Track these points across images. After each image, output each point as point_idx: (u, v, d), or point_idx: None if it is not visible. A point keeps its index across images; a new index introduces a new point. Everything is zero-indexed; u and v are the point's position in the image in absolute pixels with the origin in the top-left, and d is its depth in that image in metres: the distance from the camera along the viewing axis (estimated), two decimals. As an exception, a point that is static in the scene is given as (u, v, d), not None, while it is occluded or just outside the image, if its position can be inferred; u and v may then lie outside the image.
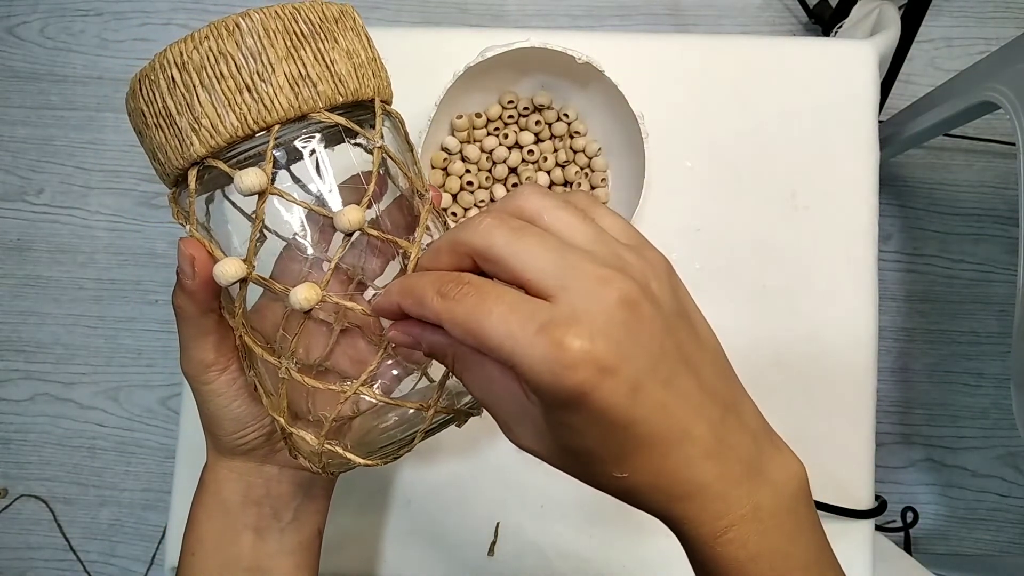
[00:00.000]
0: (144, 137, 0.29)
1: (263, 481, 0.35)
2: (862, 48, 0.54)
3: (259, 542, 0.35)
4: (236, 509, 0.35)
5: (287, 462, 0.36)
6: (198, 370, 0.32)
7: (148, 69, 0.27)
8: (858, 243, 0.52)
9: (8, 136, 1.19)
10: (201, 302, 0.31)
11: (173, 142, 0.27)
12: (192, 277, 0.30)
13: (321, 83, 0.28)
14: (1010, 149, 0.88)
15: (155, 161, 0.29)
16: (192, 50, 0.26)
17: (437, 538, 0.51)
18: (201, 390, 0.33)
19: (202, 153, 0.27)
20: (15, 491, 1.14)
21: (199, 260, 0.30)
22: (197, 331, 0.32)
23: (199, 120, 0.27)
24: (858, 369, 0.51)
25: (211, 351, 0.32)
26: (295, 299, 0.27)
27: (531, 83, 0.49)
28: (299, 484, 0.36)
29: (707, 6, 1.16)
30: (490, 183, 0.50)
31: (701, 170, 0.53)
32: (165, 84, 0.27)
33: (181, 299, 0.31)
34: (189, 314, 0.31)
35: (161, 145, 0.28)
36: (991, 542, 1.06)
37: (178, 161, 0.28)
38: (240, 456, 0.35)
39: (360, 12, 0.34)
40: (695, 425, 0.24)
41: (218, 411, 0.33)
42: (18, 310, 1.16)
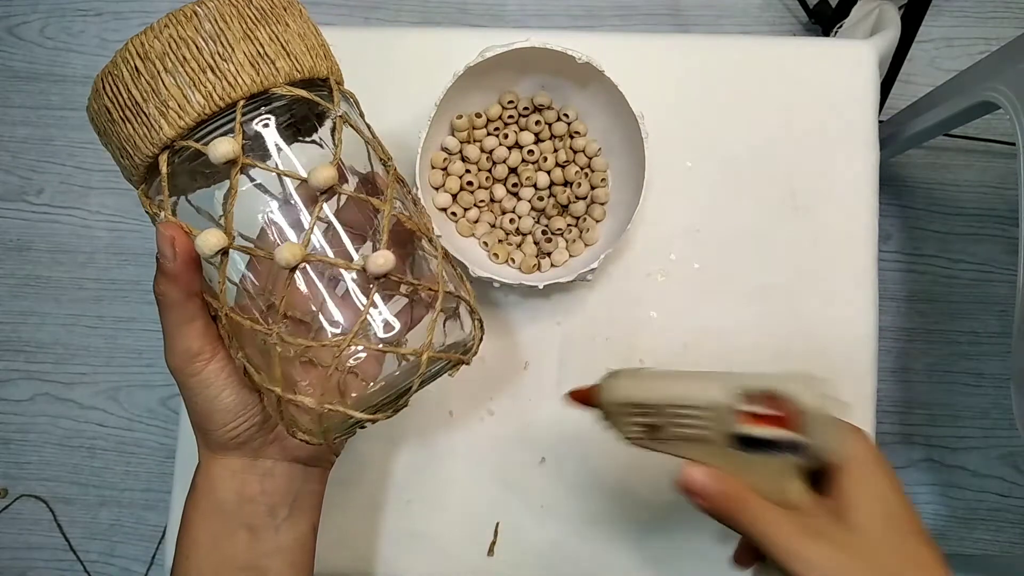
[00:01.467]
0: (111, 135, 0.29)
1: (258, 477, 0.35)
2: (862, 48, 0.54)
3: (254, 541, 0.35)
4: (231, 508, 0.34)
5: (281, 455, 0.35)
6: (185, 361, 0.32)
7: (110, 66, 0.28)
8: (858, 243, 0.52)
9: (8, 136, 1.19)
10: (184, 284, 0.31)
11: (141, 130, 0.28)
12: (173, 258, 0.30)
13: (279, 60, 0.29)
14: (1010, 149, 0.87)
15: (124, 157, 0.30)
16: (153, 39, 0.28)
17: (437, 538, 0.51)
18: (189, 382, 0.32)
19: (171, 135, 0.28)
20: (15, 491, 1.14)
21: (179, 240, 0.30)
22: (181, 318, 0.31)
23: (166, 103, 0.28)
24: (858, 369, 0.51)
25: (197, 339, 0.32)
26: (281, 256, 0.28)
27: (531, 83, 0.49)
28: (294, 477, 0.36)
29: (707, 6, 1.16)
30: (490, 183, 0.50)
31: (701, 170, 0.53)
32: (129, 75, 0.28)
33: (163, 285, 0.31)
34: (172, 300, 0.31)
35: (129, 136, 0.29)
36: (991, 542, 1.06)
37: (148, 148, 0.28)
38: (233, 451, 0.34)
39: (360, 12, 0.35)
40: None
41: (208, 403, 0.32)
42: (18, 310, 1.16)
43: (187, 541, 0.35)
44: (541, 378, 0.51)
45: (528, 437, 0.51)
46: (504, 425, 0.51)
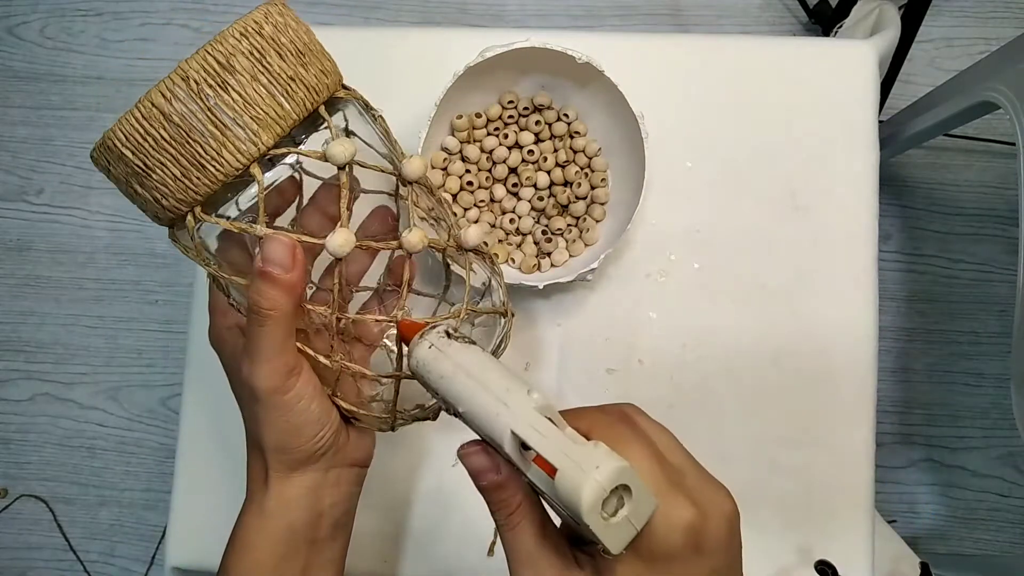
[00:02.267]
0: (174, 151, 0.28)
1: (329, 490, 0.35)
2: (862, 48, 0.54)
3: (313, 555, 0.35)
4: (302, 527, 0.34)
5: (343, 461, 0.35)
6: (282, 378, 0.31)
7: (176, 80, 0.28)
8: (858, 243, 0.52)
9: (8, 136, 1.19)
10: (298, 296, 0.30)
11: (232, 144, 0.28)
12: (292, 268, 0.29)
13: (331, 69, 0.32)
14: (1010, 149, 0.87)
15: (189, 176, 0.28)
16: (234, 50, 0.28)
17: (437, 538, 0.51)
18: (281, 400, 0.31)
19: (270, 143, 0.29)
20: (15, 491, 1.14)
21: (297, 248, 0.29)
22: (285, 333, 0.30)
23: (265, 112, 0.28)
24: (858, 369, 0.51)
25: (293, 353, 0.31)
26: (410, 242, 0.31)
27: (531, 83, 0.49)
28: (352, 483, 0.36)
29: (707, 6, 1.16)
30: (490, 183, 0.50)
31: (701, 170, 0.53)
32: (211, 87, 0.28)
33: (277, 298, 0.29)
34: (283, 314, 0.30)
35: (210, 151, 0.28)
36: (991, 542, 1.06)
37: (240, 160, 0.28)
38: (313, 464, 0.34)
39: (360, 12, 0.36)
40: None
41: (299, 417, 0.32)
42: (18, 310, 1.16)
43: (248, 562, 0.34)
44: (541, 378, 0.51)
45: (528, 437, 0.51)
46: (504, 425, 0.51)
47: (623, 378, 0.51)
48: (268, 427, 0.32)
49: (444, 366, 0.28)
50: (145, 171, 0.29)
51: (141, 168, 0.29)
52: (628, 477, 0.24)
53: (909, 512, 1.06)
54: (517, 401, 0.26)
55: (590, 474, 0.23)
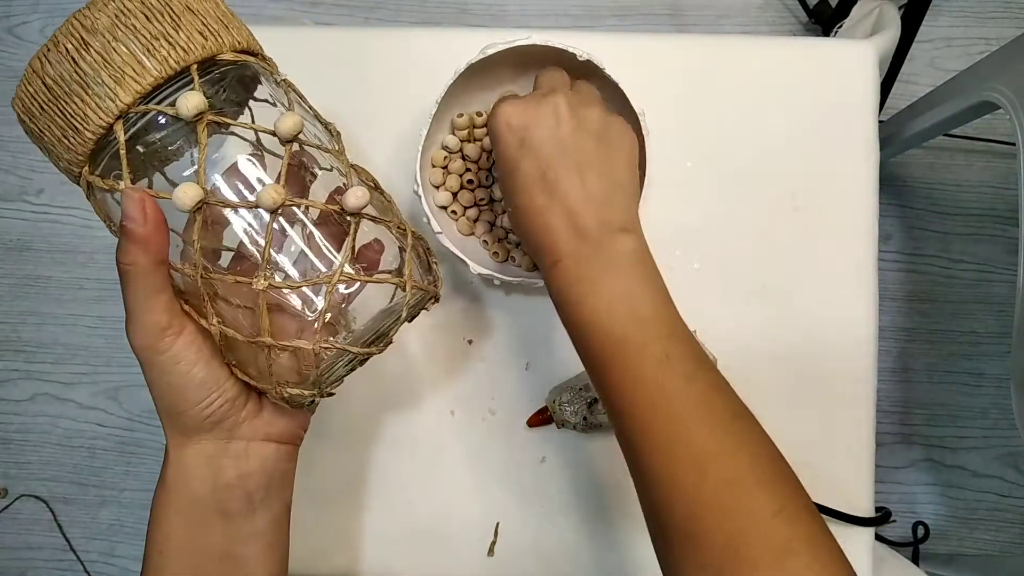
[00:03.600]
0: (53, 115, 0.29)
1: (232, 461, 0.34)
2: (862, 48, 0.54)
3: (229, 527, 0.34)
4: (207, 498, 0.34)
5: (254, 434, 0.35)
6: (154, 336, 0.31)
7: (50, 44, 0.29)
8: (858, 243, 0.52)
9: (8, 136, 1.19)
10: (155, 250, 0.30)
11: (93, 101, 0.29)
12: (143, 222, 0.29)
13: (221, 32, 0.31)
14: (1010, 149, 0.87)
15: (69, 136, 0.30)
16: (98, 13, 0.29)
17: (437, 538, 0.51)
18: (158, 360, 0.31)
19: (128, 101, 0.29)
20: (15, 491, 1.14)
21: (149, 203, 0.29)
22: (150, 289, 0.30)
23: (121, 70, 0.29)
24: (858, 369, 0.51)
25: (165, 312, 0.31)
26: (264, 199, 0.29)
27: (531, 81, 0.49)
28: (267, 457, 0.35)
29: (707, 6, 1.16)
30: (490, 183, 0.50)
31: (701, 170, 0.53)
32: (75, 49, 0.29)
33: (133, 253, 0.30)
34: (142, 269, 0.30)
35: (78, 112, 0.29)
36: (991, 542, 1.06)
37: (101, 118, 0.29)
38: (207, 433, 0.33)
39: (360, 12, 0.36)
40: (562, 192, 0.35)
41: (180, 380, 0.32)
42: (18, 310, 1.16)
43: (159, 537, 0.34)
44: (542, 378, 0.51)
45: (528, 437, 0.51)
46: (504, 425, 0.51)
47: (623, 378, 0.51)
48: (152, 387, 0.32)
49: None
50: (39, 135, 0.31)
51: (36, 133, 0.30)
52: None
53: (909, 512, 1.06)
54: None
55: None
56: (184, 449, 0.33)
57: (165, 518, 0.34)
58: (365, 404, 0.52)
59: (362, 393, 0.52)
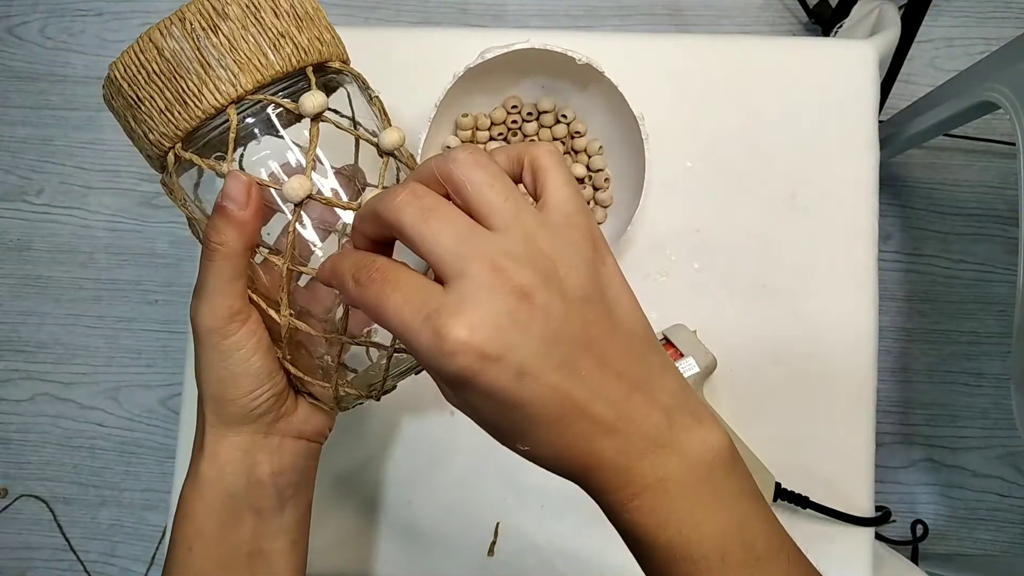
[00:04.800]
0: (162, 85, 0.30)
1: (267, 456, 0.34)
2: (862, 48, 0.54)
3: (260, 524, 0.34)
4: (240, 493, 0.34)
5: (287, 431, 0.35)
6: (224, 320, 0.31)
7: (175, 19, 0.30)
8: (858, 243, 0.52)
9: (8, 136, 1.19)
10: (249, 234, 0.30)
11: (212, 82, 0.30)
12: (245, 206, 0.30)
13: (330, 41, 0.33)
14: (1010, 149, 0.88)
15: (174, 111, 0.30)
16: (230, 1, 0.30)
17: (437, 538, 0.51)
18: (221, 345, 0.31)
19: (249, 88, 0.30)
20: (15, 491, 1.14)
21: (253, 187, 0.30)
22: (233, 273, 0.31)
23: (248, 58, 0.30)
24: (858, 369, 0.51)
25: (240, 297, 0.31)
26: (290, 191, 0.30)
27: (531, 84, 0.49)
28: (298, 455, 0.35)
29: (707, 6, 1.16)
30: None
31: (701, 170, 0.53)
32: (203, 29, 0.30)
33: (227, 233, 0.30)
34: (232, 250, 0.30)
35: (192, 87, 0.30)
36: (991, 542, 1.06)
37: (218, 99, 0.30)
38: (248, 425, 0.33)
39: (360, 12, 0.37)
40: (592, 405, 0.25)
41: (238, 367, 0.32)
42: (18, 310, 1.16)
43: (188, 531, 0.34)
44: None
45: (528, 437, 0.51)
46: (504, 425, 0.51)
47: (623, 378, 0.51)
48: (206, 371, 0.32)
49: None
50: (137, 103, 0.31)
51: (134, 100, 0.31)
52: None
53: (909, 512, 1.06)
54: None
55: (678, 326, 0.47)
56: (222, 440, 0.33)
57: (198, 513, 0.34)
58: (365, 404, 0.52)
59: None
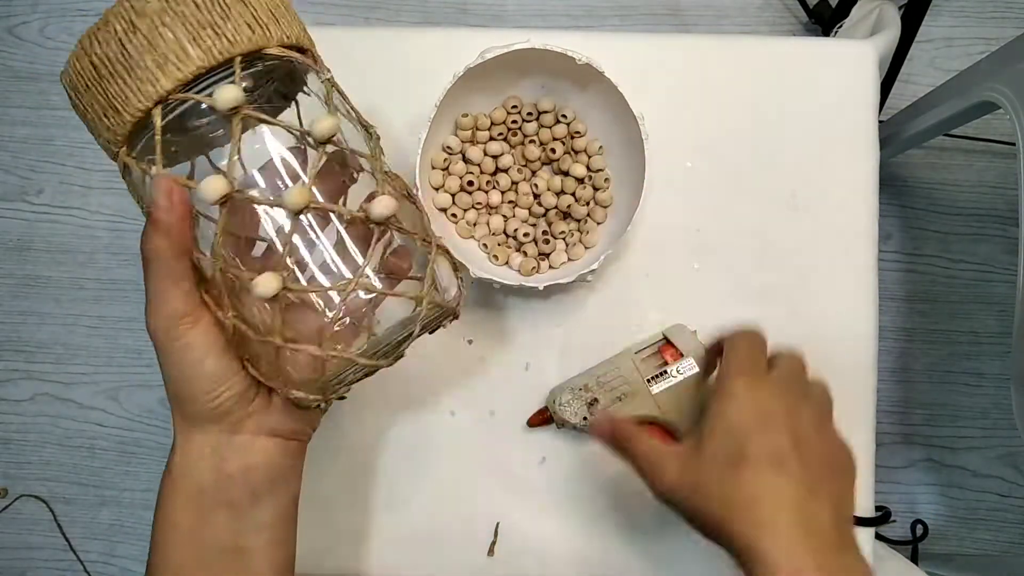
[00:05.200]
0: (96, 93, 0.30)
1: (236, 453, 0.34)
2: (862, 48, 0.54)
3: (235, 520, 0.34)
4: (210, 488, 0.33)
5: (259, 430, 0.34)
6: (170, 323, 0.31)
7: (101, 24, 0.29)
8: (858, 243, 0.52)
9: (8, 136, 1.19)
10: (178, 238, 0.30)
11: (134, 84, 0.29)
12: (170, 209, 0.29)
13: (271, 24, 0.31)
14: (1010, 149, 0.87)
15: (107, 116, 0.30)
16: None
17: (437, 538, 0.51)
18: (172, 347, 0.31)
19: (168, 87, 0.28)
20: (15, 491, 1.14)
21: (176, 191, 0.29)
22: (170, 276, 0.30)
23: (164, 56, 0.28)
24: (858, 369, 0.51)
25: (182, 300, 0.31)
26: (289, 200, 0.29)
27: (531, 84, 0.49)
28: (272, 452, 0.35)
29: (707, 6, 1.16)
30: (490, 187, 0.50)
31: (701, 170, 0.53)
32: (123, 30, 0.28)
33: (157, 239, 0.30)
34: (164, 256, 0.30)
35: (120, 92, 0.29)
36: (991, 542, 1.06)
37: (141, 102, 0.29)
38: (212, 424, 0.33)
39: (360, 12, 0.36)
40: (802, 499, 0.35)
41: (190, 369, 0.32)
42: (18, 310, 1.16)
43: (165, 526, 0.34)
44: (541, 379, 0.51)
45: (528, 437, 0.51)
46: (504, 425, 0.51)
47: (623, 378, 0.51)
48: (164, 372, 0.33)
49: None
50: (82, 109, 0.31)
51: (80, 109, 0.31)
52: None
53: (909, 512, 1.06)
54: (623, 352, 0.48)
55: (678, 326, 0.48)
56: (189, 437, 0.34)
57: (171, 506, 0.34)
58: (365, 404, 0.52)
59: (362, 394, 0.52)
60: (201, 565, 0.34)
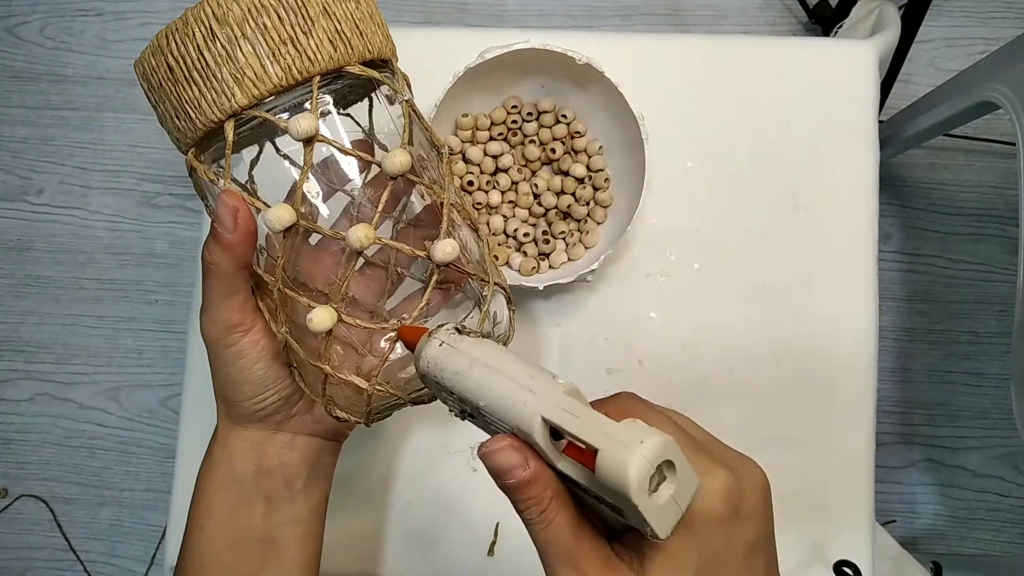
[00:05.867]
0: (170, 94, 0.29)
1: (276, 449, 0.35)
2: (862, 48, 0.54)
3: (270, 512, 0.35)
4: (249, 480, 0.35)
5: (300, 429, 0.36)
6: (223, 331, 0.32)
7: (180, 24, 0.28)
8: (858, 243, 0.52)
9: (8, 136, 1.19)
10: (239, 256, 0.30)
11: (210, 95, 0.28)
12: (233, 230, 0.29)
13: (354, 39, 0.29)
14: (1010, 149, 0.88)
15: (180, 119, 0.29)
16: (232, 3, 0.27)
17: (437, 538, 0.51)
18: (223, 353, 0.32)
19: (244, 103, 0.28)
20: (15, 491, 1.14)
21: (242, 212, 0.30)
22: (228, 289, 0.31)
23: (243, 71, 0.27)
24: (858, 369, 0.51)
25: (237, 311, 0.32)
26: (354, 238, 0.28)
27: (531, 84, 0.49)
28: (311, 450, 0.36)
29: (707, 6, 1.16)
30: (490, 187, 0.50)
31: (701, 170, 0.53)
32: (203, 36, 0.27)
33: (217, 254, 0.30)
34: (223, 270, 0.30)
35: (193, 99, 0.28)
36: (991, 542, 1.06)
37: (215, 113, 0.28)
38: (255, 423, 0.34)
39: None
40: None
41: (240, 374, 0.32)
42: (18, 310, 1.16)
43: (201, 511, 0.35)
44: (541, 378, 0.51)
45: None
46: (504, 425, 0.51)
47: (623, 378, 0.51)
48: (214, 374, 0.34)
49: (459, 362, 0.26)
50: (155, 102, 0.30)
51: (152, 99, 0.30)
52: (673, 452, 0.22)
53: (909, 512, 1.06)
54: (544, 387, 0.24)
55: (635, 449, 0.21)
56: (231, 431, 0.35)
57: (209, 494, 0.35)
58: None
59: (362, 393, 0.52)
60: (235, 551, 0.35)
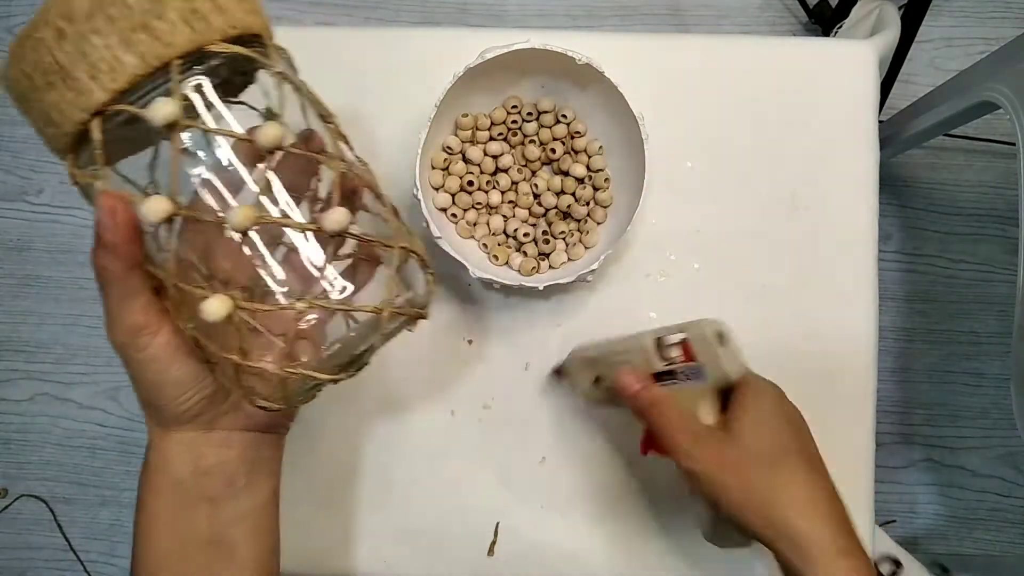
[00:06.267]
0: (32, 102, 0.28)
1: (213, 449, 0.34)
2: (862, 48, 0.54)
3: (215, 512, 0.34)
4: (188, 483, 0.34)
5: (236, 424, 0.34)
6: (130, 336, 0.31)
7: (29, 29, 0.26)
8: (858, 243, 0.52)
9: (8, 136, 1.19)
10: (125, 256, 0.29)
11: (70, 96, 0.27)
12: (114, 229, 0.28)
13: (212, 16, 0.28)
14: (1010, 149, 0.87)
15: (48, 126, 0.28)
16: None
17: (437, 538, 0.51)
18: (135, 358, 0.31)
19: (103, 99, 0.26)
20: (15, 491, 1.14)
21: (120, 209, 0.28)
22: (124, 292, 0.30)
23: (96, 66, 0.26)
24: (858, 369, 0.51)
25: (140, 313, 0.30)
26: (234, 220, 0.27)
27: (531, 84, 0.49)
28: (249, 445, 0.35)
29: (707, 6, 1.16)
30: (490, 188, 0.50)
31: (701, 170, 0.53)
32: (52, 38, 0.26)
33: (103, 258, 0.29)
34: (114, 274, 0.30)
35: (55, 103, 0.27)
36: (991, 542, 1.06)
37: (77, 114, 0.27)
38: (185, 425, 0.33)
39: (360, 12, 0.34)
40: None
41: (156, 377, 0.31)
42: (18, 310, 1.16)
43: (144, 519, 0.34)
44: (541, 379, 0.51)
45: (528, 437, 0.51)
46: (504, 425, 0.51)
47: (623, 378, 0.51)
48: (133, 381, 0.32)
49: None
50: (24, 113, 0.29)
51: (22, 111, 0.29)
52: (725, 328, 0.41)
53: (909, 512, 1.06)
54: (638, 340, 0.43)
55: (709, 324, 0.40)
56: (165, 437, 0.34)
57: (150, 500, 0.34)
58: (365, 404, 0.52)
59: (362, 393, 0.52)
60: (183, 556, 0.34)
